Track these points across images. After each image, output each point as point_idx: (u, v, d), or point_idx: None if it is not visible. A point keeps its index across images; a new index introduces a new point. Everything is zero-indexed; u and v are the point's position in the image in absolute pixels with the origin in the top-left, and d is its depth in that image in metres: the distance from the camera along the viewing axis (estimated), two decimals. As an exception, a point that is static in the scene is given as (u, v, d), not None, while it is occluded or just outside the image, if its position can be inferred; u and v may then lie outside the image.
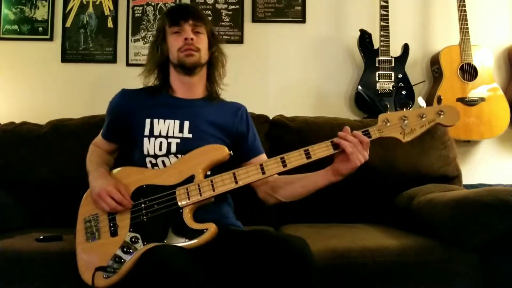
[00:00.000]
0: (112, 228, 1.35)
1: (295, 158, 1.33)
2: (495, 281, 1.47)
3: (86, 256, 1.34)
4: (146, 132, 1.48)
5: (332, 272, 1.43)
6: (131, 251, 1.28)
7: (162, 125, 1.48)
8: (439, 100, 1.34)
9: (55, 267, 1.44)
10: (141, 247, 1.28)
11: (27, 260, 1.46)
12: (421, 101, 1.34)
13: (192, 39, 1.50)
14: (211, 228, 1.28)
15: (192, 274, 1.15)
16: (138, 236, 1.31)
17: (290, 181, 1.46)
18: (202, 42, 1.54)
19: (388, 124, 1.32)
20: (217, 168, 1.40)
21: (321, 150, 1.33)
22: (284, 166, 1.33)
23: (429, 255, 1.49)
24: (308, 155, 1.32)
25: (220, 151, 1.41)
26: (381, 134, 1.32)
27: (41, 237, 1.59)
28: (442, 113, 1.32)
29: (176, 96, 1.57)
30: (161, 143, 1.46)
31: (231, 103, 1.64)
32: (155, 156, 1.46)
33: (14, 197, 1.94)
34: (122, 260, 1.27)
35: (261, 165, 1.34)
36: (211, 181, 1.34)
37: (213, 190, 1.33)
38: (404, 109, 1.34)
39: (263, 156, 1.58)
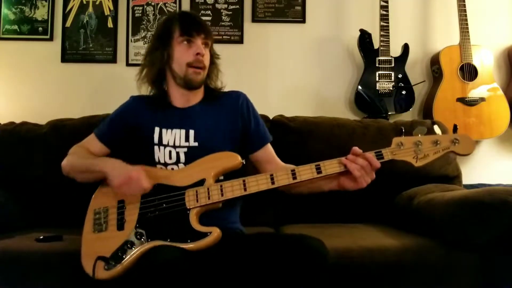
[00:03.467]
0: (119, 222, 1.36)
1: (306, 172, 1.35)
2: (495, 281, 1.47)
3: (90, 246, 1.34)
4: (156, 140, 1.49)
5: (332, 272, 1.42)
6: (134, 246, 1.29)
7: (170, 135, 1.50)
8: (455, 129, 1.35)
9: (55, 267, 1.44)
10: (145, 243, 1.29)
11: (27, 260, 1.45)
12: (437, 129, 1.35)
13: (203, 55, 1.49)
14: (214, 233, 1.28)
15: (191, 276, 1.15)
16: (143, 232, 1.31)
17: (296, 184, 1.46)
18: (208, 58, 1.54)
19: (402, 147, 1.34)
20: (229, 176, 1.40)
21: (332, 166, 1.34)
22: (294, 178, 1.35)
23: (429, 255, 1.49)
24: (319, 170, 1.34)
25: (233, 159, 1.41)
26: (394, 156, 1.34)
27: (41, 237, 1.59)
28: (457, 141, 1.33)
29: (174, 105, 1.56)
30: (170, 152, 1.48)
31: (228, 94, 1.61)
32: (165, 164, 1.48)
33: (14, 197, 1.93)
34: (124, 255, 1.28)
35: (271, 175, 1.35)
36: (221, 186, 1.35)
37: (222, 195, 1.34)
38: (419, 135, 1.35)
39: (269, 147, 1.58)
